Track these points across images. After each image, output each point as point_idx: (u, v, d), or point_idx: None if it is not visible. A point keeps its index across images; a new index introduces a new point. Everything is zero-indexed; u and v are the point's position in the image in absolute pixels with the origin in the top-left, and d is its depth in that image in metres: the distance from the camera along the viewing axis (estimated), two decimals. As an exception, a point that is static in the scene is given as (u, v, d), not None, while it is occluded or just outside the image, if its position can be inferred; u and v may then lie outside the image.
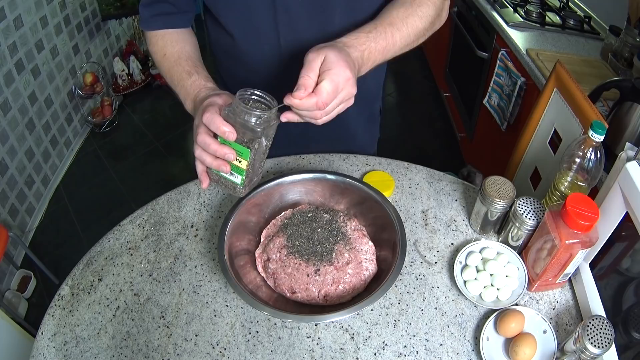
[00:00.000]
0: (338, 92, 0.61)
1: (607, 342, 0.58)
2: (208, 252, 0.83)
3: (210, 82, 0.75)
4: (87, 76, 2.55)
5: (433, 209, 0.89)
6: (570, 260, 0.67)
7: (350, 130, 1.03)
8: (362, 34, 0.68)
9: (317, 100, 0.60)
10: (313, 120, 0.64)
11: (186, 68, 0.77)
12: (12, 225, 1.97)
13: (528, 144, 1.04)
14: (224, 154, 0.63)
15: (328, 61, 0.61)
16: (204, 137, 0.63)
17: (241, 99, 0.62)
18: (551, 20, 1.68)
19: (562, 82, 0.90)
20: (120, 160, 2.55)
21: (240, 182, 0.66)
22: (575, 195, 0.64)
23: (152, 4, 0.81)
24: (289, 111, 0.64)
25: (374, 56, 0.69)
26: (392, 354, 0.69)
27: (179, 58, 0.79)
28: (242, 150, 0.63)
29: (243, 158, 0.64)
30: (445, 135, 2.54)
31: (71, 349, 0.71)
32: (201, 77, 0.75)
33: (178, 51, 0.80)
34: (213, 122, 0.61)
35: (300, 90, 0.59)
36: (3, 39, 1.92)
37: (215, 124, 0.61)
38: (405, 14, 0.73)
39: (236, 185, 0.66)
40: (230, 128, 0.61)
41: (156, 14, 0.81)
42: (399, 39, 0.71)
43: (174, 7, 0.81)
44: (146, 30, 0.84)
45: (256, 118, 0.61)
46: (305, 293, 0.71)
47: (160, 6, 0.81)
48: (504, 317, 0.68)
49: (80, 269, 0.82)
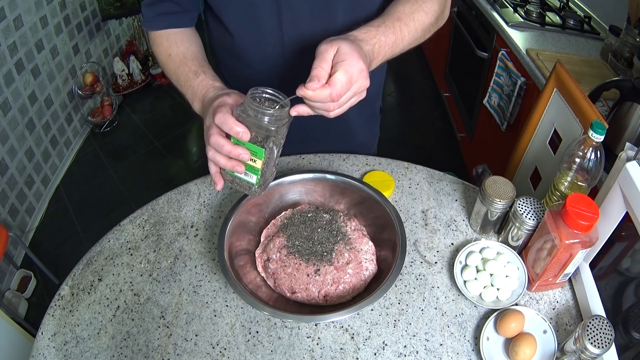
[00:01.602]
0: (352, 83, 0.60)
1: (607, 342, 0.58)
2: (208, 252, 0.83)
3: (217, 81, 0.74)
4: (87, 76, 2.55)
5: (433, 209, 0.89)
6: (570, 260, 0.67)
7: (351, 128, 1.03)
8: (372, 28, 0.68)
9: (330, 92, 0.58)
10: (325, 112, 0.63)
11: (192, 68, 0.76)
12: (12, 225, 1.97)
13: (528, 144, 1.04)
14: (238, 155, 0.62)
15: (341, 52, 0.60)
16: (216, 138, 0.62)
17: (252, 98, 0.61)
18: (551, 20, 1.68)
19: (562, 82, 0.90)
20: (120, 160, 2.55)
21: (255, 182, 0.65)
22: (575, 195, 0.64)
23: (156, 3, 0.80)
24: (301, 104, 0.63)
25: (384, 50, 0.68)
26: (392, 354, 0.69)
27: (185, 58, 0.78)
28: (257, 150, 0.62)
29: (257, 158, 0.63)
30: (445, 135, 2.54)
31: (71, 349, 0.71)
32: (208, 77, 0.74)
33: (183, 51, 0.79)
34: (226, 122, 0.60)
35: (313, 81, 0.58)
36: (3, 39, 1.92)
37: (228, 124, 0.60)
38: (411, 9, 0.73)
39: (252, 185, 0.66)
40: (243, 128, 0.60)
41: (160, 13, 0.80)
42: (407, 34, 0.71)
43: (178, 6, 0.81)
44: (150, 30, 0.82)
45: (269, 117, 0.60)
46: (305, 293, 0.71)
47: (164, 5, 0.80)
48: (504, 317, 0.68)
49: (80, 269, 0.82)
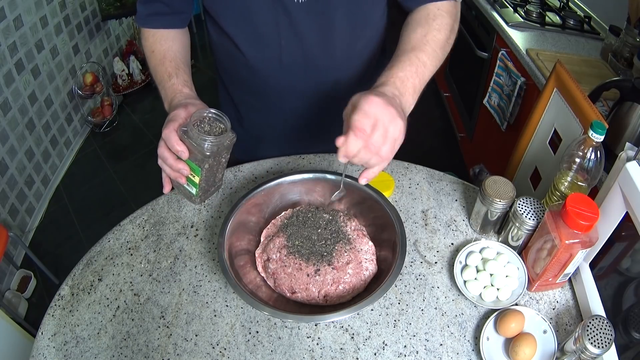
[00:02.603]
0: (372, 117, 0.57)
1: (607, 342, 0.58)
2: (208, 252, 0.83)
3: (186, 87, 0.77)
4: (87, 76, 2.55)
5: (433, 209, 0.89)
6: (570, 260, 0.67)
7: None
8: (385, 72, 0.68)
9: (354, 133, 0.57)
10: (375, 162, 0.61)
11: (168, 69, 0.78)
12: (12, 225, 1.97)
13: (528, 144, 1.04)
14: (178, 169, 0.68)
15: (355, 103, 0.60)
16: (162, 151, 0.67)
17: (195, 122, 0.66)
18: (551, 20, 1.68)
19: (562, 82, 0.90)
20: (120, 160, 2.55)
21: (195, 193, 0.72)
22: (575, 195, 0.64)
23: (148, 2, 0.82)
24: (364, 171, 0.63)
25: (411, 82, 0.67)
26: (392, 354, 0.69)
27: (164, 58, 0.80)
28: (195, 168, 0.68)
29: (196, 174, 0.69)
30: (445, 135, 2.54)
31: (71, 349, 0.71)
32: (179, 82, 0.77)
33: (165, 50, 0.81)
34: (169, 139, 0.66)
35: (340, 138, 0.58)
36: (3, 39, 1.92)
37: (171, 142, 0.65)
38: (422, 33, 0.73)
39: (192, 195, 0.72)
40: (183, 147, 0.65)
41: (151, 13, 0.82)
42: (426, 59, 0.71)
43: (167, 7, 0.82)
44: (141, 27, 0.85)
45: (208, 143, 0.65)
46: (305, 293, 0.71)
47: (155, 6, 0.82)
48: (504, 317, 0.68)
49: (80, 269, 0.82)
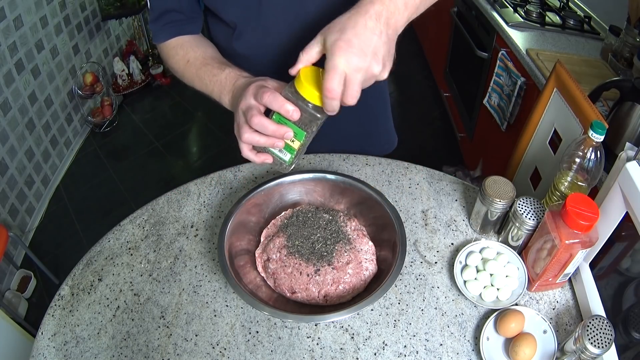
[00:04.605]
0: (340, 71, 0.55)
1: (607, 342, 0.58)
2: (208, 252, 0.83)
3: (245, 72, 0.74)
4: (87, 76, 2.55)
5: (433, 209, 0.89)
6: (570, 260, 0.67)
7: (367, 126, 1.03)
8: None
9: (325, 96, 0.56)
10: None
11: (216, 65, 0.76)
12: (12, 225, 1.97)
13: (528, 144, 1.04)
14: (283, 133, 0.62)
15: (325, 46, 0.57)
16: (259, 119, 0.62)
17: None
18: (551, 20, 1.68)
19: (562, 82, 0.90)
20: (120, 160, 2.55)
21: (288, 160, 0.67)
22: (575, 195, 0.64)
23: (160, 16, 0.81)
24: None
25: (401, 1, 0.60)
26: (392, 354, 0.69)
27: (205, 59, 0.78)
28: (298, 131, 0.63)
29: (297, 139, 0.64)
30: (445, 135, 2.54)
31: (71, 349, 0.71)
32: (235, 69, 0.74)
33: (202, 54, 0.80)
34: (276, 100, 0.60)
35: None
36: (3, 39, 1.92)
37: (279, 102, 0.60)
38: None
39: (284, 162, 0.67)
40: (294, 107, 0.60)
41: (166, 23, 0.81)
42: None
43: (181, 14, 0.81)
44: (161, 42, 0.83)
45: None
46: (305, 293, 0.71)
47: (168, 16, 0.81)
48: (504, 317, 0.68)
49: (80, 269, 0.82)
